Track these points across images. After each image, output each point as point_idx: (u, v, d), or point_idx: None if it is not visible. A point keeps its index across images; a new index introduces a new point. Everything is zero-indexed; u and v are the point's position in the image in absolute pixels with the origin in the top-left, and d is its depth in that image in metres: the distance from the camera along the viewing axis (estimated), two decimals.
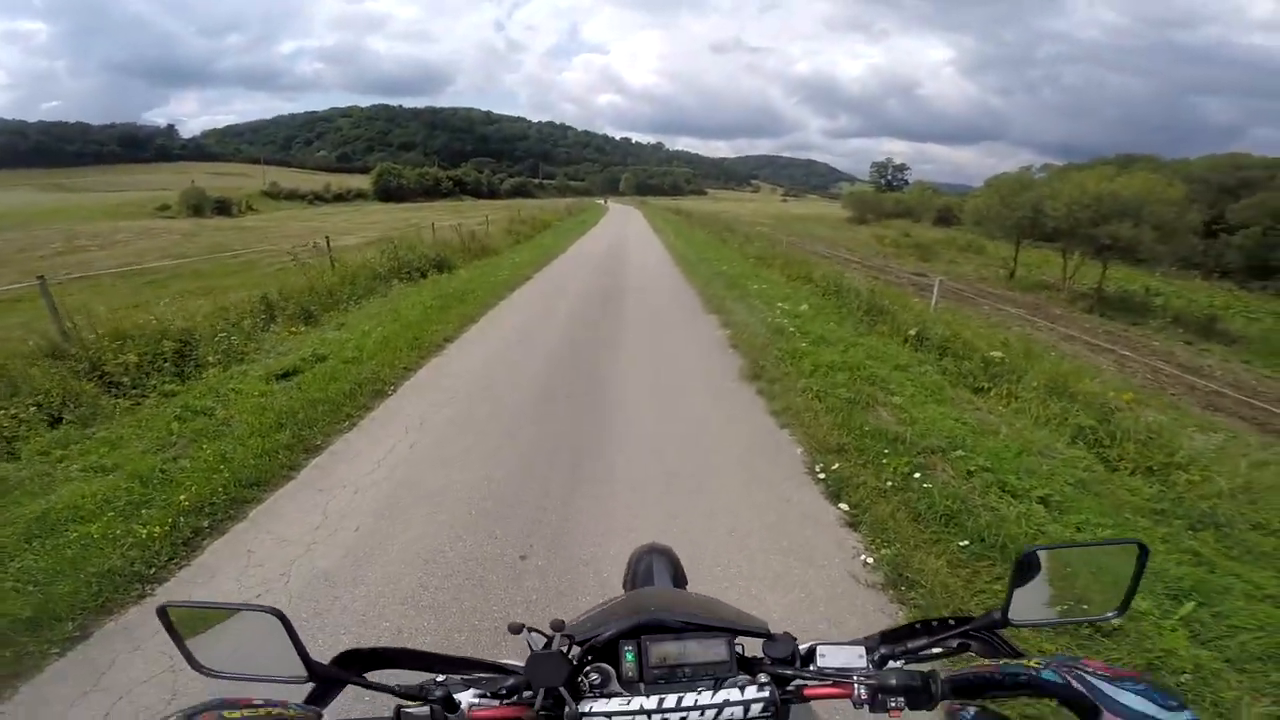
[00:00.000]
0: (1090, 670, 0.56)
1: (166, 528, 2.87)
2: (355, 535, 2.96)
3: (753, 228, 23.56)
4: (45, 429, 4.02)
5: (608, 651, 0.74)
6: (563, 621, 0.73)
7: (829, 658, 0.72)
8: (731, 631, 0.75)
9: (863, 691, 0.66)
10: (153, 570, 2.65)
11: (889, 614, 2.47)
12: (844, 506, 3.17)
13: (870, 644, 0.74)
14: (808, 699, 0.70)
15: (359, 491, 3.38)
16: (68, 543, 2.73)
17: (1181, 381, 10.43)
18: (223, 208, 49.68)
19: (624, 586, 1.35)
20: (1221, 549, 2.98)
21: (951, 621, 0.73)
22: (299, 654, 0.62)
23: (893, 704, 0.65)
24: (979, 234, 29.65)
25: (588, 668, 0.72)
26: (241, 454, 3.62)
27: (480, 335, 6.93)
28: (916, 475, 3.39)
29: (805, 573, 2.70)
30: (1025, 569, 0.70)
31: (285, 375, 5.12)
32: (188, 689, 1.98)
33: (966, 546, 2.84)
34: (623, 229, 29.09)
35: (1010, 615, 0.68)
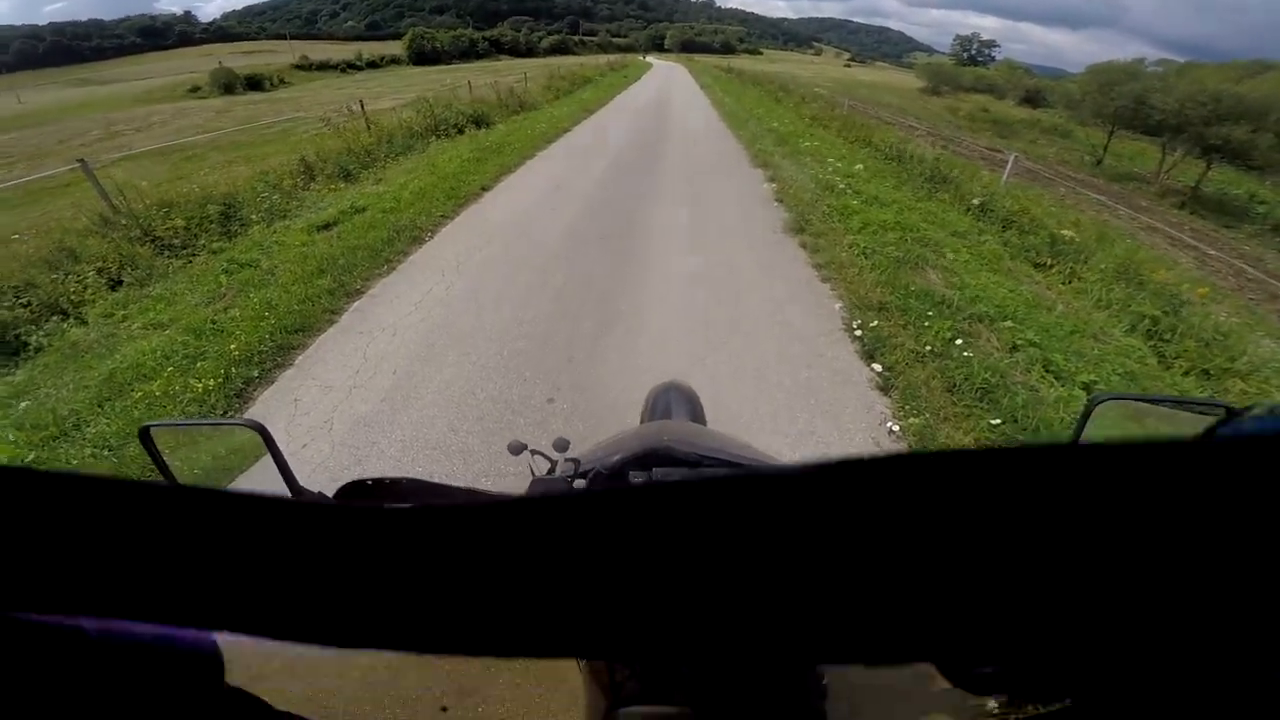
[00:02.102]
0: None
1: (220, 380, 3.00)
2: (393, 379, 3.04)
3: (810, 89, 21.42)
4: (107, 291, 4.27)
5: (616, 483, 0.67)
6: (566, 441, 0.66)
7: None
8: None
9: None
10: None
11: None
12: (877, 367, 3.07)
13: None
14: None
15: (397, 334, 3.46)
16: (134, 403, 2.85)
17: (1265, 288, 9.50)
18: (254, 84, 48.20)
19: (641, 422, 1.31)
20: None
21: None
22: (283, 476, 0.57)
23: None
24: (1069, 118, 26.63)
25: None
26: (286, 300, 3.74)
27: (517, 184, 6.84)
28: (958, 342, 3.24)
29: (829, 433, 2.65)
30: (1090, 421, 0.59)
31: (325, 227, 5.25)
32: None
33: (998, 426, 2.71)
34: (667, 84, 27.18)
35: None
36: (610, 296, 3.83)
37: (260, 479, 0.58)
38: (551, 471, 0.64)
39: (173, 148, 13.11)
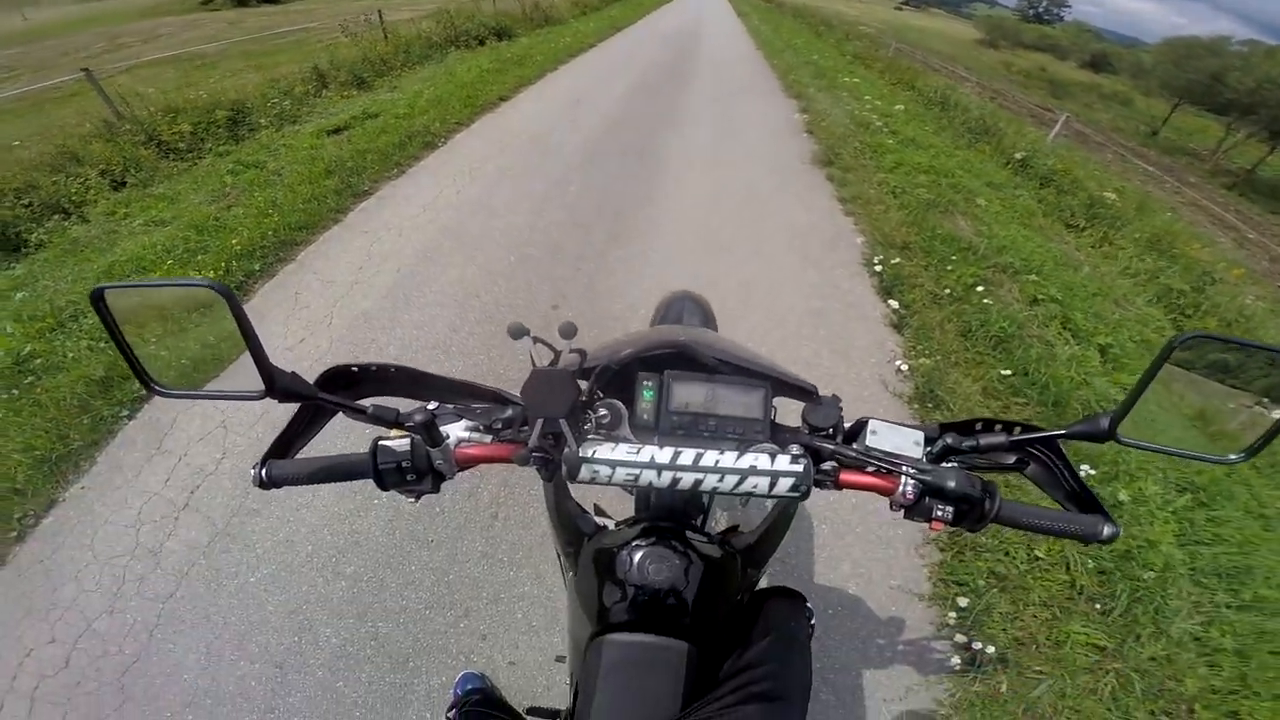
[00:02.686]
0: None
1: (220, 273, 2.98)
2: (395, 277, 3.01)
3: (855, 27, 20.14)
4: (110, 192, 4.22)
5: (623, 388, 0.62)
6: (573, 326, 0.58)
7: (881, 437, 0.59)
8: (771, 381, 0.62)
9: (909, 489, 0.55)
10: None
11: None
12: (893, 304, 2.98)
13: (929, 432, 0.60)
14: (842, 486, 0.58)
15: (402, 234, 3.40)
16: None
17: None
18: None
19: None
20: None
21: (1020, 426, 0.58)
22: (249, 347, 0.50)
23: (939, 512, 0.55)
24: (1133, 87, 25.18)
25: (597, 402, 0.60)
26: (291, 200, 3.66)
27: (536, 96, 6.58)
28: (979, 289, 3.12)
29: (835, 366, 2.61)
30: (1161, 367, 0.51)
31: (336, 131, 5.09)
32: (236, 446, 2.09)
33: (1007, 377, 2.63)
34: (700, 6, 25.67)
35: (1120, 430, 0.53)
36: (625, 211, 3.72)
37: (225, 349, 0.53)
38: (554, 363, 0.57)
39: (182, 57, 12.65)
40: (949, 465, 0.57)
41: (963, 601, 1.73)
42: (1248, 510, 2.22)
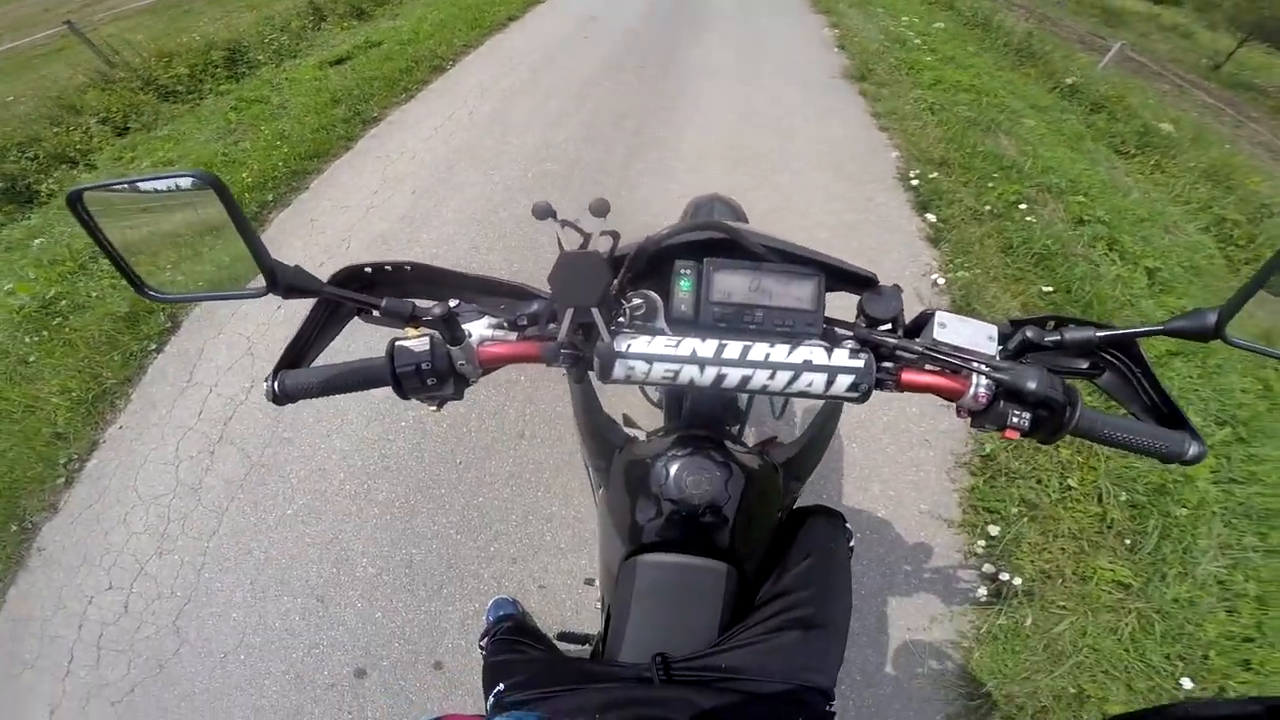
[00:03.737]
0: None
1: None
2: (411, 199, 2.96)
3: None
4: (114, 138, 4.18)
5: (657, 280, 0.54)
6: (605, 204, 0.49)
7: (950, 330, 0.51)
8: (824, 269, 0.54)
9: (982, 390, 0.49)
10: None
11: None
12: (931, 218, 2.81)
13: (1003, 328, 0.53)
14: (905, 387, 0.52)
15: (416, 157, 3.32)
16: None
17: None
18: None
19: None
20: None
21: (1095, 326, 0.51)
22: (243, 237, 0.45)
23: (1014, 419, 0.48)
24: (1198, 19, 23.31)
25: (630, 292, 0.53)
26: (299, 131, 3.58)
27: (547, 14, 6.22)
28: (1022, 207, 2.94)
29: None
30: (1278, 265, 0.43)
31: (338, 62, 4.93)
32: (264, 373, 2.11)
33: (1049, 294, 2.52)
34: None
35: (1227, 329, 0.46)
36: (646, 125, 3.55)
37: (220, 246, 0.48)
38: (584, 246, 0.50)
39: (167, 3, 12.30)
40: (1027, 363, 0.50)
41: (993, 530, 1.69)
42: None
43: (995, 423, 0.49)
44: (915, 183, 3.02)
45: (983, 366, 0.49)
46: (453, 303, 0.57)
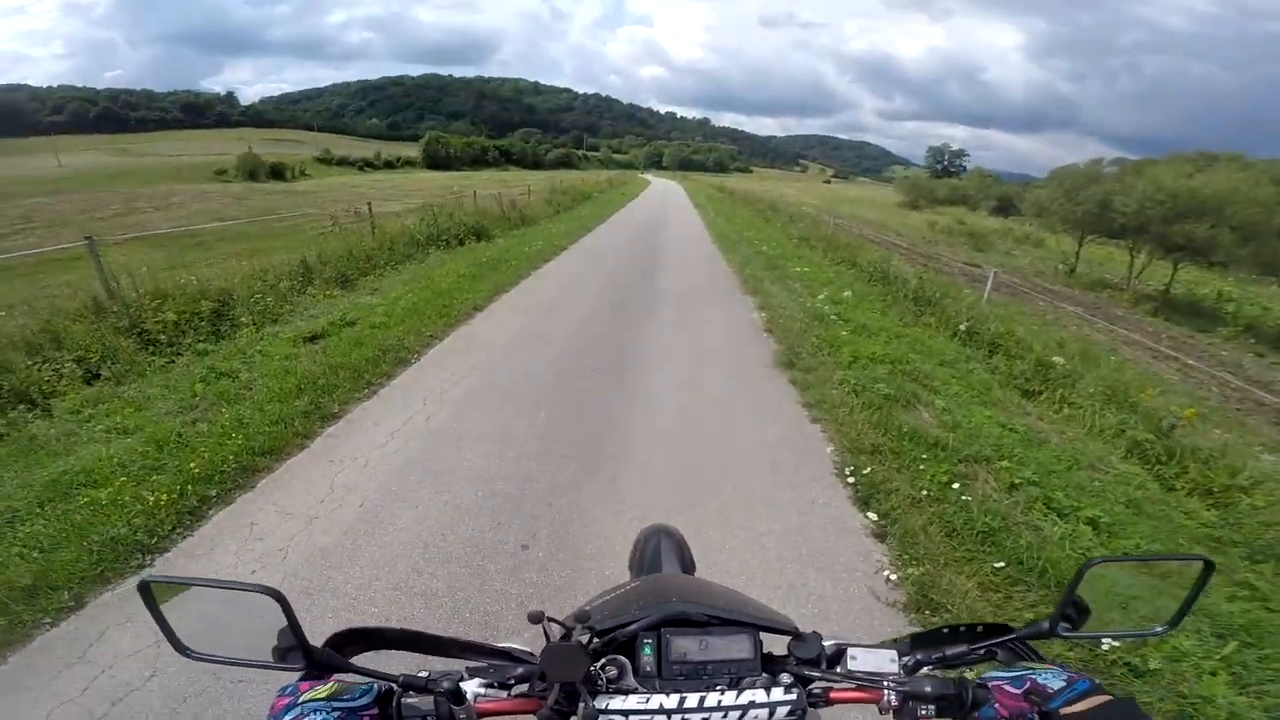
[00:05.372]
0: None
1: (174, 495, 2.85)
2: (358, 513, 2.90)
3: (798, 208, 22.75)
4: (81, 385, 4.12)
5: (624, 643, 0.68)
6: (588, 613, 0.66)
7: (860, 660, 0.67)
8: (757, 627, 0.69)
9: (893, 697, 0.63)
10: (155, 540, 2.63)
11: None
12: (873, 516, 2.92)
13: (901, 648, 0.70)
14: (834, 702, 0.66)
15: (368, 465, 3.32)
16: (77, 508, 2.72)
17: (1249, 396, 9.57)
18: (277, 173, 50.91)
19: (630, 567, 1.34)
20: None
21: (981, 628, 0.69)
22: (297, 639, 0.56)
23: (923, 711, 0.62)
24: (1040, 226, 28.01)
25: (604, 660, 0.65)
26: (258, 420, 3.62)
27: (510, 305, 6.86)
28: (955, 486, 3.12)
29: (821, 584, 2.53)
30: (1081, 581, 0.66)
31: (313, 339, 5.19)
32: (169, 665, 1.96)
33: (1002, 569, 2.61)
34: (663, 203, 28.53)
35: (1059, 627, 0.64)
36: (598, 436, 3.70)
37: (269, 639, 0.57)
38: (566, 637, 0.62)
39: (184, 233, 13.50)
40: (923, 674, 0.66)
41: None
42: None
43: (909, 716, 0.62)
44: (852, 479, 3.19)
45: (889, 683, 0.63)
46: (453, 665, 0.67)
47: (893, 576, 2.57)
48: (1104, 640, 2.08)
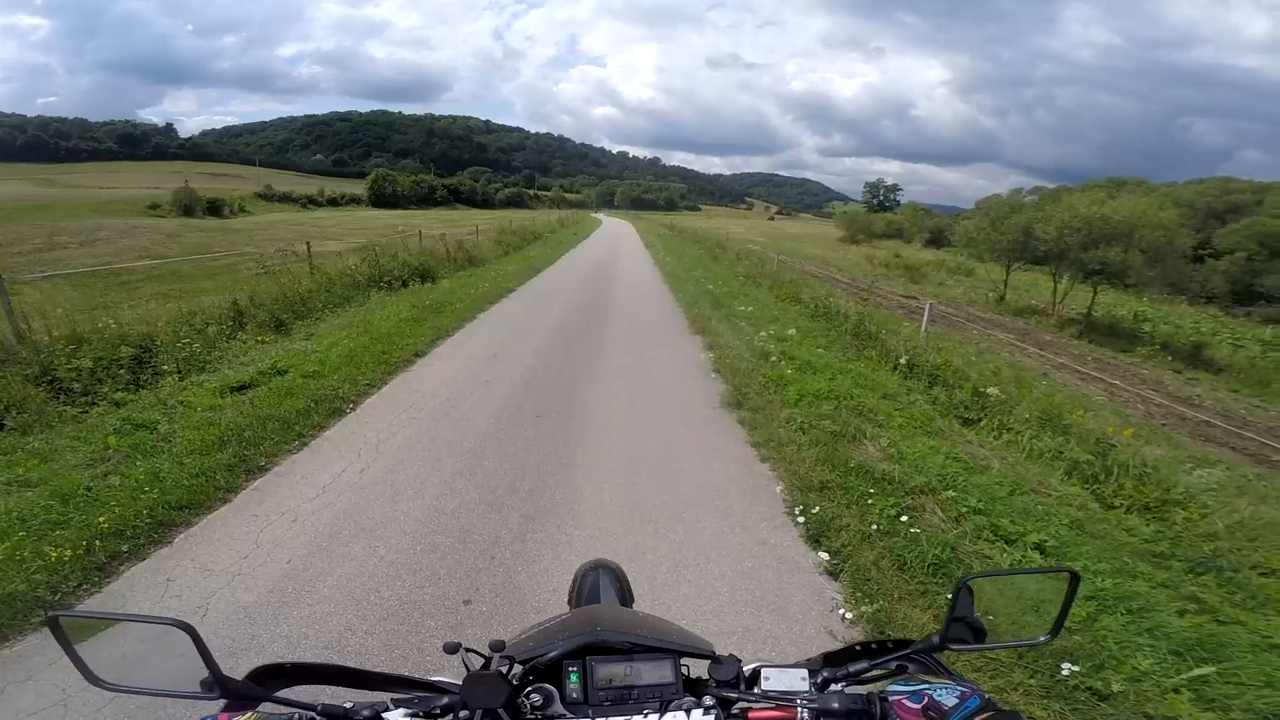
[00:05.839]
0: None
1: (80, 550, 2.67)
2: (285, 569, 2.71)
3: (744, 245, 23.47)
4: None
5: (551, 671, 0.71)
6: (503, 642, 0.68)
7: (773, 680, 0.70)
8: (678, 652, 0.73)
9: (806, 715, 0.66)
10: (58, 596, 2.46)
11: None
12: (824, 555, 2.90)
13: (813, 666, 0.74)
14: None
15: (297, 520, 3.10)
16: None
17: (1171, 412, 10.29)
18: (214, 208, 48.59)
19: (569, 603, 1.34)
20: (1224, 594, 2.79)
21: (890, 644, 0.73)
22: (210, 670, 0.56)
23: None
24: (969, 256, 29.67)
25: (529, 689, 0.68)
26: (176, 473, 3.37)
27: (453, 351, 6.63)
28: (904, 519, 3.16)
29: (777, 627, 2.48)
30: (965, 596, 0.72)
31: (240, 388, 4.87)
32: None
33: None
34: (614, 243, 28.86)
35: (948, 640, 0.69)
36: (543, 484, 3.57)
37: (186, 671, 0.57)
38: (486, 667, 0.64)
39: (109, 270, 12.65)
40: (834, 690, 0.69)
41: None
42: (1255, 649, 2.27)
43: None
44: (802, 519, 3.18)
45: (801, 701, 0.66)
46: (374, 697, 0.67)
47: (848, 615, 2.55)
48: (990, 650, 2.14)
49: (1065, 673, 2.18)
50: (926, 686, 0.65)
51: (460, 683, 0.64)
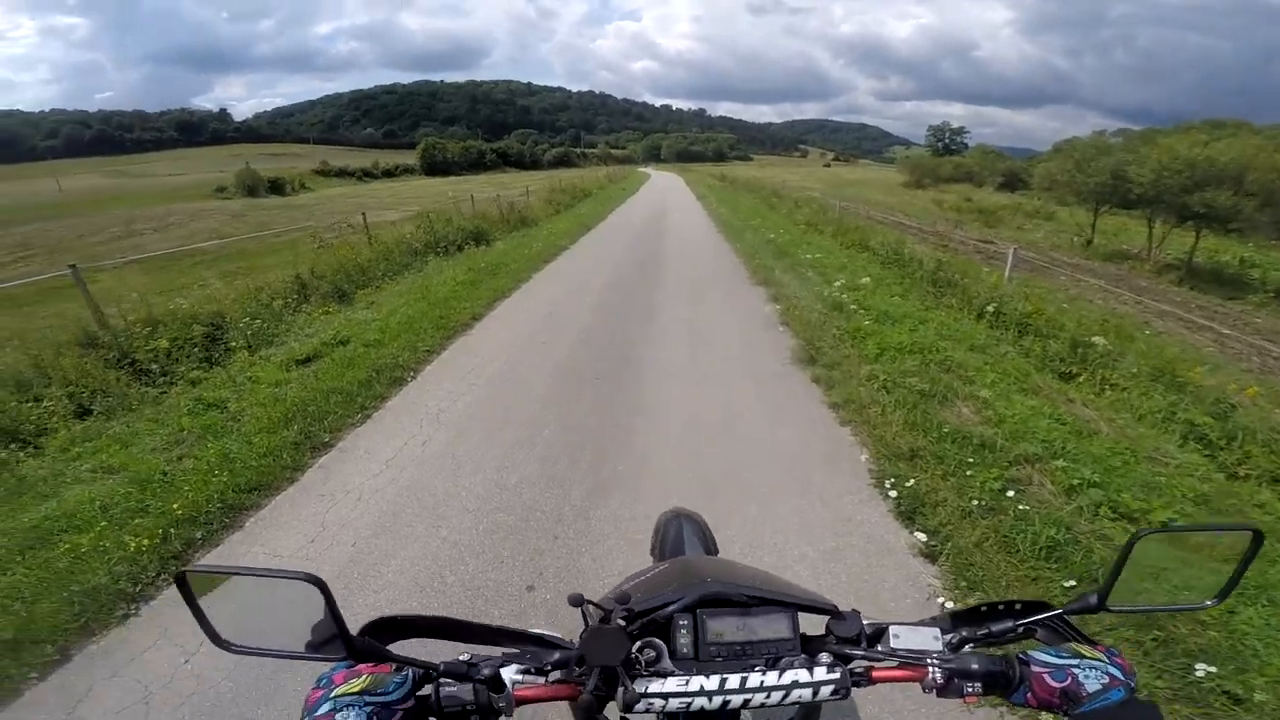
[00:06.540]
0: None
1: (157, 540, 2.70)
2: (350, 552, 2.67)
3: (802, 193, 22.30)
4: (73, 420, 4.01)
5: (659, 625, 0.66)
6: (628, 594, 0.64)
7: (902, 639, 0.65)
8: (796, 606, 0.67)
9: (938, 675, 0.61)
10: (138, 588, 2.47)
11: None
12: (920, 535, 2.59)
13: (944, 625, 0.68)
14: (876, 681, 0.64)
15: (361, 498, 3.07)
16: (58, 555, 2.59)
17: None
18: (276, 187, 50.65)
19: (652, 553, 1.32)
20: None
21: (1019, 605, 0.67)
22: (338, 627, 0.54)
23: (969, 689, 0.61)
24: (1050, 200, 27.41)
25: (639, 642, 0.63)
26: (245, 454, 3.41)
27: (509, 313, 6.55)
28: (1010, 493, 2.79)
29: (867, 615, 2.20)
30: (1132, 553, 0.62)
31: (305, 361, 4.97)
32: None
33: (1073, 588, 2.30)
34: (664, 195, 28.14)
35: (1109, 601, 0.61)
36: (604, 455, 3.39)
37: (307, 628, 0.55)
38: (606, 620, 0.61)
39: (182, 253, 13.41)
40: (968, 650, 0.64)
41: None
42: None
43: (955, 694, 0.61)
44: (893, 491, 2.85)
45: (933, 660, 0.62)
46: (494, 651, 0.66)
47: (949, 605, 2.27)
48: (1151, 613, 1.85)
49: (1199, 674, 1.87)
50: (1074, 662, 0.58)
51: (563, 637, 0.66)
